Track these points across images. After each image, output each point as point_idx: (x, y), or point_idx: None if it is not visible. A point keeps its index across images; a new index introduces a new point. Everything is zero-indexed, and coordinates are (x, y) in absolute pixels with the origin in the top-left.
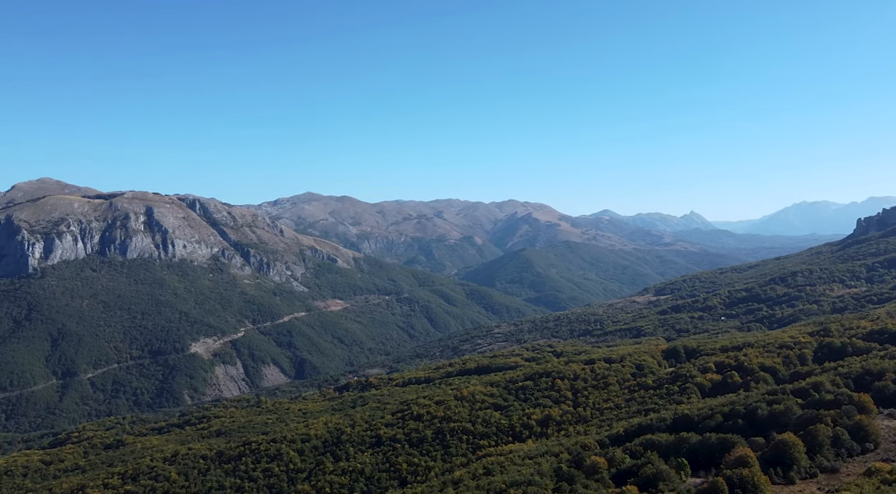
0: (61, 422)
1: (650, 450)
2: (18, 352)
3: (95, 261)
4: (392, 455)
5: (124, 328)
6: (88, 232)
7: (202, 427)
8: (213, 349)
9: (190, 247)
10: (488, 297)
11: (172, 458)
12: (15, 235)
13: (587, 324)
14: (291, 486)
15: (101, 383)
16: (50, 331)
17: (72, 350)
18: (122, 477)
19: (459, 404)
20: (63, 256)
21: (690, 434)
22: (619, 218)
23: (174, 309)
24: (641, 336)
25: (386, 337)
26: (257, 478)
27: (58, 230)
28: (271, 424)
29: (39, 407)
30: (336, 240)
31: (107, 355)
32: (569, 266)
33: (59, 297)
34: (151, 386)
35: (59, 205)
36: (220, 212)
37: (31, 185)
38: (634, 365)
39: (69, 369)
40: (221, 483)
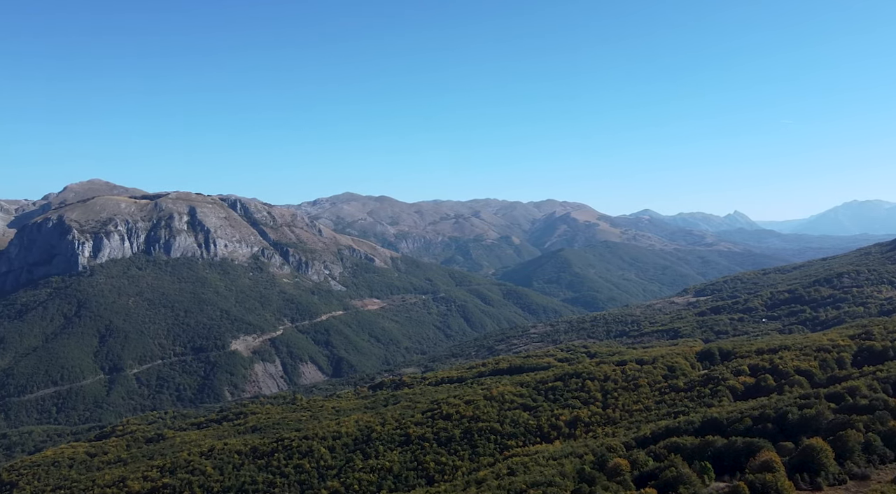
0: (108, 416)
1: (674, 453)
2: (68, 348)
3: (141, 260)
4: (420, 453)
5: (168, 325)
6: (135, 231)
7: (239, 423)
8: (252, 346)
9: (231, 246)
10: (525, 297)
11: (209, 453)
12: (66, 235)
13: (624, 325)
14: (321, 482)
15: (146, 378)
16: (98, 328)
17: (118, 346)
18: (160, 470)
19: (489, 404)
20: (111, 255)
21: (716, 438)
22: (659, 217)
23: (215, 307)
24: (678, 337)
25: (422, 337)
26: (289, 474)
27: (106, 230)
28: (305, 421)
29: (88, 401)
30: (374, 239)
31: (151, 351)
32: (607, 266)
33: (106, 295)
34: (194, 382)
35: (107, 205)
36: (260, 212)
37: (82, 186)
38: (666, 366)
39: (116, 364)
40: (254, 477)
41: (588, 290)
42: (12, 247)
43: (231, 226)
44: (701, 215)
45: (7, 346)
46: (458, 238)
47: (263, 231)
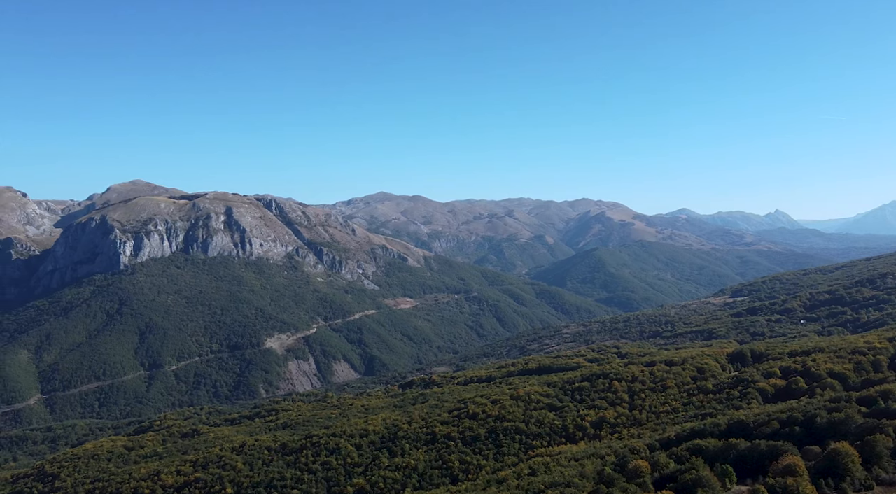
0: (147, 411)
1: (696, 456)
2: (110, 344)
3: (180, 259)
4: (445, 452)
5: (205, 323)
6: (174, 231)
7: (270, 420)
8: (286, 344)
9: (266, 245)
10: (558, 297)
11: (240, 448)
12: (108, 234)
13: (657, 326)
14: (348, 480)
15: (184, 375)
16: (138, 325)
17: (158, 343)
18: (193, 465)
19: (514, 403)
20: (151, 254)
21: (739, 441)
22: (697, 216)
23: (251, 305)
24: (713, 338)
25: (454, 336)
26: (316, 471)
27: (146, 229)
28: (334, 419)
29: (129, 396)
30: (407, 239)
31: (189, 348)
32: (643, 266)
33: (146, 293)
34: (229, 379)
35: (147, 205)
36: (294, 212)
37: (125, 187)
38: (696, 368)
39: (155, 361)
40: (283, 474)
41: (622, 290)
42: (58, 247)
43: (266, 225)
44: (740, 214)
45: (53, 342)
46: (492, 237)
47: (298, 230)
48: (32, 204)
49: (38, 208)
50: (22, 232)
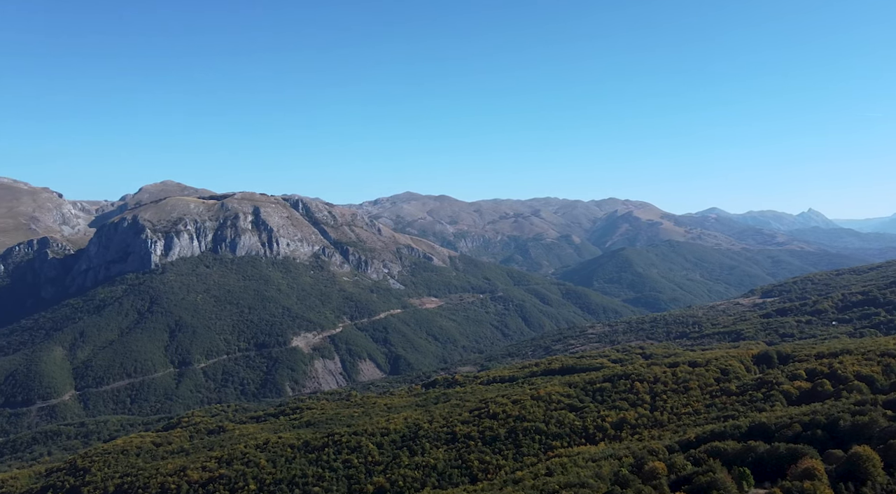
0: (177, 408)
1: (714, 458)
2: (141, 342)
3: (208, 258)
4: (465, 452)
5: (233, 321)
6: (203, 231)
7: (294, 418)
8: (312, 343)
9: (293, 245)
10: (585, 297)
11: (264, 445)
12: (140, 234)
13: (684, 326)
14: (368, 478)
15: (213, 372)
16: (168, 323)
17: (187, 341)
18: (218, 461)
19: (535, 404)
20: (181, 253)
21: (758, 443)
22: (727, 216)
23: (278, 304)
24: (740, 340)
25: (480, 336)
26: (337, 469)
27: (176, 229)
28: (356, 417)
29: (159, 393)
30: (433, 238)
31: (217, 346)
32: (671, 266)
33: (176, 292)
34: (257, 377)
35: (177, 205)
36: (321, 212)
37: (156, 187)
38: (719, 369)
39: (185, 359)
40: (304, 471)
41: (650, 290)
42: (92, 246)
43: (293, 225)
44: (772, 213)
45: (87, 339)
46: (518, 237)
47: (324, 230)
48: (68, 204)
49: (73, 208)
50: (58, 231)
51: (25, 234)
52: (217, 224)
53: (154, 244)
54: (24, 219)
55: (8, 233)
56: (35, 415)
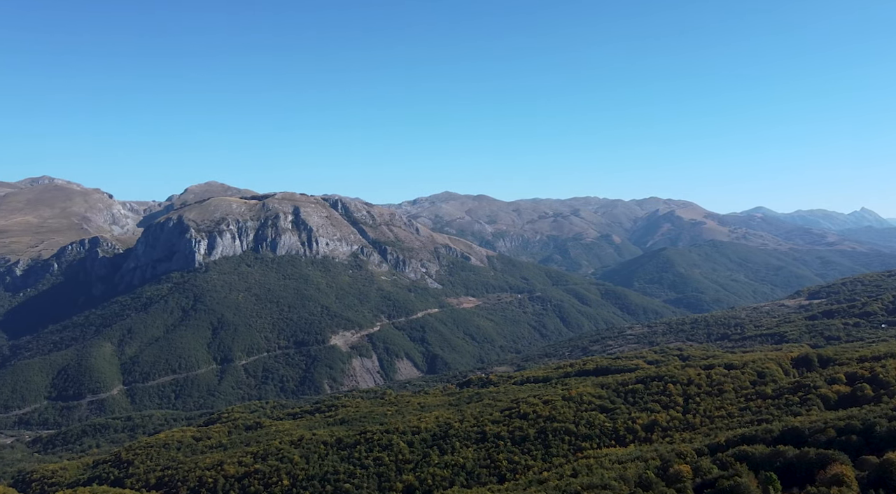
0: (219, 403)
1: (741, 462)
2: (185, 339)
3: (250, 258)
4: (494, 451)
5: (273, 319)
6: (244, 230)
7: (329, 415)
8: (350, 342)
9: (332, 244)
10: (624, 298)
11: (298, 442)
12: (184, 233)
13: (726, 328)
14: (398, 476)
15: (253, 369)
16: (211, 321)
17: (229, 338)
18: (253, 456)
19: (566, 404)
20: (223, 253)
21: (787, 448)
22: (774, 215)
23: (317, 302)
24: (784, 342)
25: (517, 336)
26: (368, 466)
27: (219, 229)
28: (390, 415)
29: (202, 389)
30: (472, 238)
31: (258, 344)
32: (714, 266)
33: (219, 290)
34: (296, 375)
35: (220, 206)
36: (359, 212)
37: (200, 188)
38: (756, 372)
39: (227, 356)
40: (336, 467)
41: (692, 291)
42: (139, 245)
43: (332, 225)
44: (822, 212)
45: (134, 336)
46: (557, 236)
47: (363, 230)
48: (118, 205)
49: (123, 209)
50: (108, 231)
51: (77, 234)
52: (258, 224)
53: (198, 243)
54: (77, 219)
55: (61, 232)
56: (85, 409)
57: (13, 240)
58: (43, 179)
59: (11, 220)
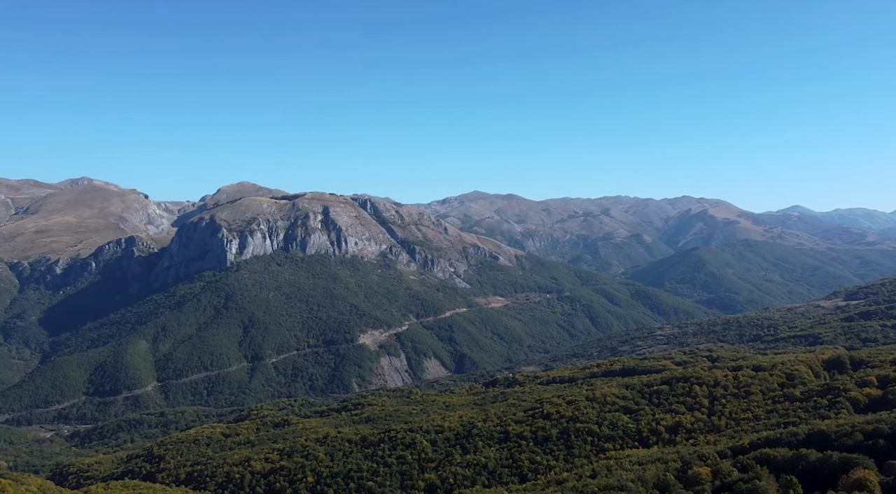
0: (249, 401)
1: (762, 465)
2: (217, 337)
3: (280, 257)
4: (517, 451)
5: (302, 318)
6: (275, 230)
7: (355, 413)
8: (379, 340)
9: (361, 244)
10: (655, 298)
11: (323, 439)
12: (217, 233)
13: (758, 329)
14: (420, 474)
15: (283, 367)
16: (242, 319)
17: (259, 336)
18: (280, 453)
19: (589, 405)
20: (254, 252)
21: (810, 451)
22: (811, 214)
23: (345, 301)
24: (817, 344)
25: (546, 336)
26: (391, 464)
27: (250, 228)
28: (414, 414)
29: (233, 386)
30: (501, 237)
31: (287, 342)
32: (748, 266)
33: (249, 289)
34: (325, 373)
35: (251, 205)
36: (388, 211)
37: (232, 188)
38: (784, 374)
39: (257, 354)
40: (360, 465)
41: (725, 291)
42: (173, 245)
43: (361, 224)
44: (862, 211)
45: (168, 334)
46: (587, 236)
47: (391, 229)
48: (153, 205)
49: (158, 209)
50: (143, 231)
51: (114, 234)
52: (288, 223)
53: (229, 243)
54: (114, 219)
55: (99, 232)
56: (121, 404)
57: (54, 240)
58: (82, 180)
59: (52, 220)
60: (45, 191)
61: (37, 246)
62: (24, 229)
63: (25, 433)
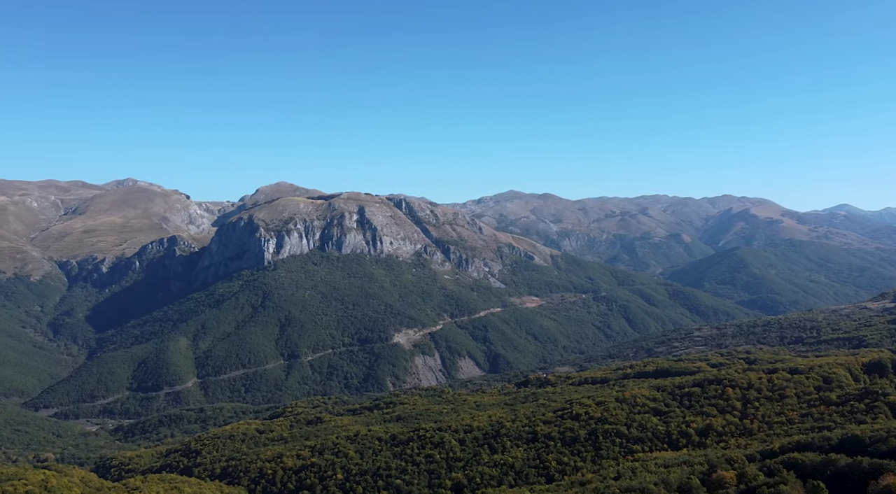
0: (285, 398)
1: (789, 470)
2: (255, 335)
3: (316, 256)
4: (544, 451)
5: (338, 317)
6: (311, 229)
7: (387, 412)
8: (413, 340)
9: (396, 243)
10: (693, 298)
11: (354, 437)
12: (254, 233)
13: (801, 331)
14: (448, 473)
15: (319, 366)
16: (279, 318)
17: (296, 335)
18: (311, 450)
19: (619, 406)
20: (291, 251)
21: (840, 456)
22: (859, 213)
23: (380, 301)
24: (862, 346)
25: (581, 336)
26: (420, 463)
27: (287, 228)
28: (445, 413)
29: (270, 383)
30: (536, 237)
31: (323, 341)
32: (791, 266)
33: (286, 288)
34: (359, 372)
35: (288, 205)
36: (423, 211)
37: (271, 188)
38: (821, 377)
39: (293, 352)
40: (389, 463)
41: (767, 292)
42: (213, 244)
43: (396, 224)
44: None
45: (208, 331)
46: (624, 236)
47: (426, 229)
48: (194, 205)
49: (199, 209)
50: (185, 230)
51: (157, 233)
52: (324, 223)
53: (267, 242)
54: (157, 219)
55: (143, 232)
56: (163, 400)
57: (100, 240)
58: (128, 181)
59: (99, 220)
60: (92, 192)
61: (84, 245)
62: (73, 229)
63: (73, 426)
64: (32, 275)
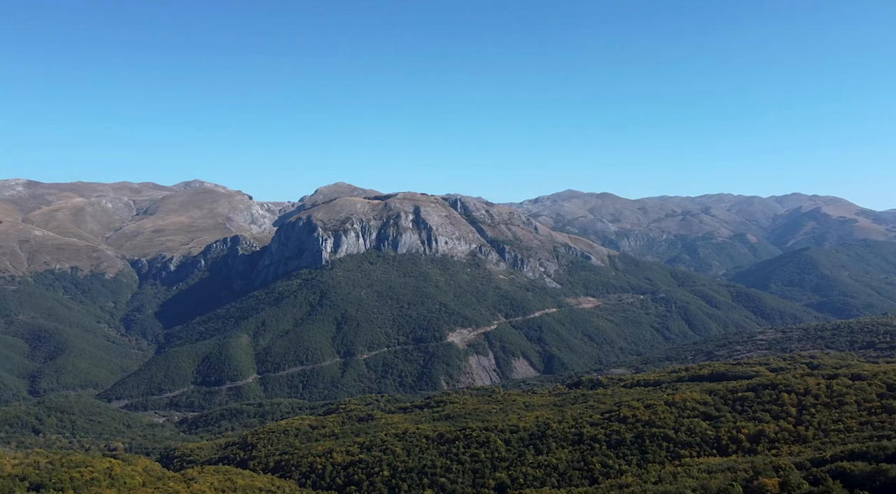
0: (341, 395)
1: (836, 479)
2: (312, 333)
3: (372, 256)
4: (589, 454)
5: (393, 316)
6: (368, 229)
7: (436, 410)
8: (467, 339)
9: (451, 243)
10: (758, 300)
11: (402, 435)
12: (313, 232)
13: (873, 336)
14: (492, 472)
15: (374, 364)
16: (335, 316)
17: (352, 333)
18: (360, 447)
19: (667, 409)
20: (347, 251)
21: (892, 466)
22: None
23: (435, 300)
24: None
25: (638, 338)
26: (465, 462)
27: (344, 228)
28: (493, 413)
29: (326, 380)
30: (594, 237)
31: (378, 339)
32: (866, 268)
33: (343, 286)
34: (413, 370)
35: (345, 205)
36: (478, 211)
37: (329, 189)
38: (885, 384)
39: (349, 350)
40: (434, 462)
41: (839, 295)
42: (273, 243)
43: (451, 223)
44: None
45: (267, 328)
46: (685, 236)
47: (481, 228)
48: (256, 205)
49: (261, 209)
50: (247, 230)
51: (221, 233)
52: (380, 223)
53: (325, 242)
54: (221, 219)
55: (208, 231)
56: (224, 394)
57: (169, 239)
58: (194, 182)
59: (168, 220)
60: (161, 193)
61: (154, 244)
62: (144, 229)
63: (141, 417)
64: (107, 273)
